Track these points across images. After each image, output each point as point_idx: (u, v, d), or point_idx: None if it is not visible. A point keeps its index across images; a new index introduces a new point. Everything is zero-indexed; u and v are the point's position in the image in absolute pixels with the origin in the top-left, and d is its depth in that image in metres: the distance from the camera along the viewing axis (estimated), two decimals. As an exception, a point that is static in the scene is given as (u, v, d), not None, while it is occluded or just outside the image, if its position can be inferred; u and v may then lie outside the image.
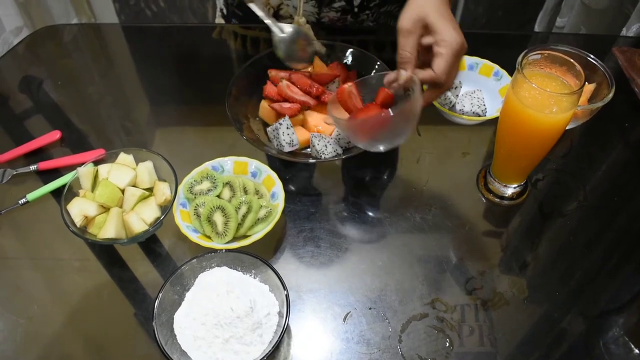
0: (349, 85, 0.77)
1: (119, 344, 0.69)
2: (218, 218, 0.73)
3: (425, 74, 0.71)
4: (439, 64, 0.69)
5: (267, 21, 0.83)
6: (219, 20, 1.18)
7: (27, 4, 1.60)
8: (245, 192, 0.77)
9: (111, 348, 0.68)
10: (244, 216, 0.73)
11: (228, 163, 0.80)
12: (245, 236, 0.74)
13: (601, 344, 0.67)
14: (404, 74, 0.71)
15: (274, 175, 0.78)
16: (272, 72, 0.91)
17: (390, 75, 0.74)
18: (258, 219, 0.74)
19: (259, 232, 0.73)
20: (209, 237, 0.73)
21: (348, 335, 0.68)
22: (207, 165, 0.79)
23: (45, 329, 0.69)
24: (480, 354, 0.66)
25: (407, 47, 0.71)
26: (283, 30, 0.83)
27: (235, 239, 0.73)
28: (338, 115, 0.76)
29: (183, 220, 0.74)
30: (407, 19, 0.70)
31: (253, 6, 0.81)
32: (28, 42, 1.11)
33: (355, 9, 1.04)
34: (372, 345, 0.67)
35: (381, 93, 0.76)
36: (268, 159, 0.87)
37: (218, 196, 0.76)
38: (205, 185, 0.77)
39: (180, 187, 0.76)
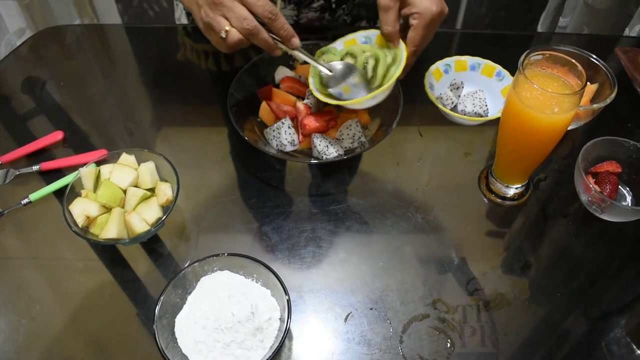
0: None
1: (120, 344, 0.69)
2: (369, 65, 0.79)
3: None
4: (412, 37, 0.76)
5: (316, 64, 0.80)
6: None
7: (30, 5, 1.60)
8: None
9: (113, 348, 0.68)
10: (374, 68, 0.78)
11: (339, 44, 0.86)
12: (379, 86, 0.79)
13: (603, 345, 0.67)
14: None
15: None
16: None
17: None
18: (388, 66, 0.79)
19: (395, 74, 0.77)
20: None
21: (349, 335, 0.68)
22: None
23: (48, 329, 0.69)
24: (482, 355, 0.66)
25: (388, 22, 0.76)
26: (332, 69, 0.81)
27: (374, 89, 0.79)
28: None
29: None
30: None
31: (297, 53, 0.78)
32: (31, 43, 1.12)
33: (333, 5, 1.05)
34: (373, 346, 0.67)
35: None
36: (270, 159, 0.87)
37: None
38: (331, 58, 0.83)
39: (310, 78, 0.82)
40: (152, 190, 0.77)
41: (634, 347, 0.67)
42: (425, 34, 0.76)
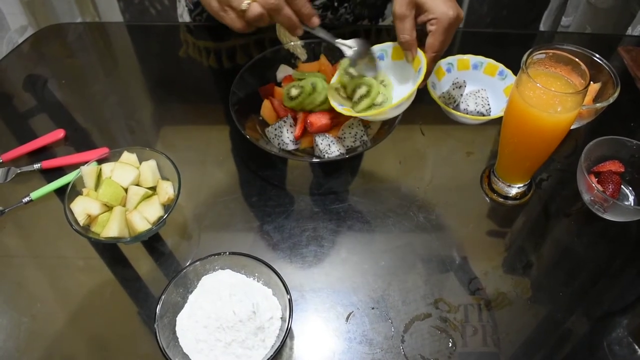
0: None
1: (121, 342, 0.69)
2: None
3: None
4: (431, 43, 0.76)
5: (336, 43, 0.79)
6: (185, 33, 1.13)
7: (32, 3, 1.60)
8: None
9: (114, 347, 0.68)
10: (360, 97, 0.79)
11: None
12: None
13: (605, 345, 0.67)
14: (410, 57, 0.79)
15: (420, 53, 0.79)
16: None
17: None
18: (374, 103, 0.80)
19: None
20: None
21: (351, 335, 0.68)
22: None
23: (48, 327, 0.69)
24: (484, 355, 0.66)
25: (405, 31, 0.76)
26: (351, 47, 0.80)
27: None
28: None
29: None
30: (399, 4, 0.74)
31: (316, 32, 0.76)
32: (32, 41, 1.12)
33: (335, 4, 1.04)
34: (375, 345, 0.67)
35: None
36: (271, 157, 0.87)
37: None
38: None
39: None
40: (153, 188, 0.77)
41: (636, 347, 0.67)
42: (444, 39, 0.76)
